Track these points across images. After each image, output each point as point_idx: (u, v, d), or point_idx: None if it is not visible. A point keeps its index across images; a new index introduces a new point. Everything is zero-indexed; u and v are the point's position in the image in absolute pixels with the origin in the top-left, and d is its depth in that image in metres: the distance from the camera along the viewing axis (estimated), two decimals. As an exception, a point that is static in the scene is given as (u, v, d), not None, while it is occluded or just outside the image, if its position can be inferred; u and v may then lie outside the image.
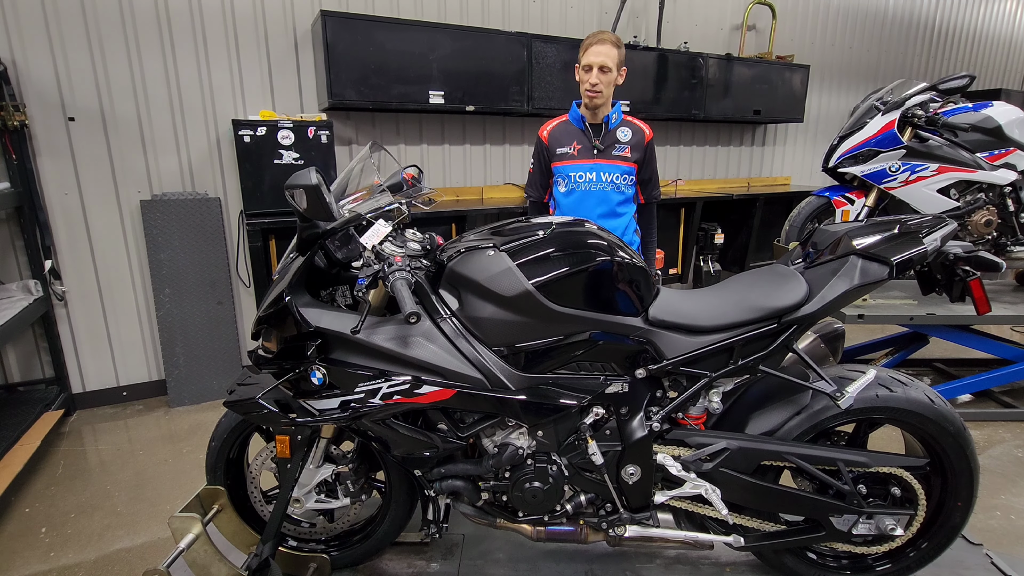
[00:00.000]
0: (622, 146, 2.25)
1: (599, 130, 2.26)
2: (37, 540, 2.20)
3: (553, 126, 2.33)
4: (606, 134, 2.25)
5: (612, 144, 2.25)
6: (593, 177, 2.25)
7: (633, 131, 2.27)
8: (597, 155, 2.25)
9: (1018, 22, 7.43)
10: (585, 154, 2.25)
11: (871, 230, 1.48)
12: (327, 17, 3.19)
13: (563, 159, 2.28)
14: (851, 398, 1.41)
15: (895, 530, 1.53)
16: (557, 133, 2.31)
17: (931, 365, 3.70)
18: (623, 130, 2.27)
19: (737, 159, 5.65)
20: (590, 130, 2.26)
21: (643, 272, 1.47)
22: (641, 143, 2.28)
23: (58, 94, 2.98)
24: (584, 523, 1.60)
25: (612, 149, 2.25)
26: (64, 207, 3.09)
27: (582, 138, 2.26)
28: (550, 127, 2.33)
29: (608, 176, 2.25)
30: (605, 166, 2.25)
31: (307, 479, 1.63)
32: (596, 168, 2.25)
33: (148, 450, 2.86)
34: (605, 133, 2.25)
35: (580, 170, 2.26)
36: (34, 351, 3.19)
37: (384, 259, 1.33)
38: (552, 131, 2.32)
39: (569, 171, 2.28)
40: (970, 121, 2.93)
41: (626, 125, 2.28)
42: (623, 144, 2.25)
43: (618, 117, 2.27)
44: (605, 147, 2.25)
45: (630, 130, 2.27)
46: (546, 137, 2.32)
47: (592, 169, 2.25)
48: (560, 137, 2.29)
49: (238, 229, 3.48)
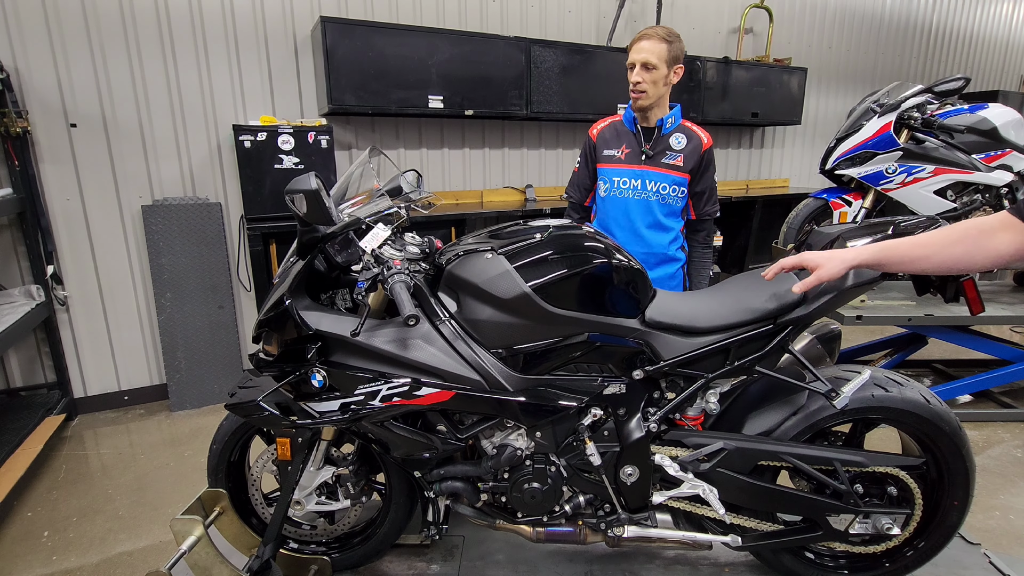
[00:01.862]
0: (674, 154, 2.06)
1: (651, 134, 2.08)
2: (39, 544, 2.21)
3: (604, 125, 2.18)
4: (658, 139, 2.07)
5: (663, 151, 2.06)
6: (638, 184, 2.08)
7: (688, 137, 2.08)
8: (645, 161, 2.07)
9: (1014, 24, 7.46)
10: (632, 159, 2.08)
11: (865, 232, 1.50)
12: (327, 23, 3.22)
13: (609, 161, 2.13)
14: (846, 398, 1.42)
15: (892, 529, 1.53)
16: (607, 134, 2.16)
17: (930, 366, 3.71)
18: (677, 136, 2.07)
19: (736, 161, 5.67)
20: (641, 133, 2.09)
21: (640, 274, 1.48)
22: (697, 151, 2.06)
23: (60, 101, 3.00)
24: (583, 524, 1.61)
25: (662, 156, 2.06)
26: (66, 212, 3.11)
27: (632, 141, 2.09)
28: (601, 126, 2.18)
29: (655, 185, 2.06)
30: (652, 174, 2.06)
31: (308, 481, 1.64)
32: (642, 175, 2.07)
33: (149, 454, 2.87)
34: (657, 138, 2.07)
35: (625, 175, 2.09)
36: (36, 356, 3.20)
37: (383, 262, 1.34)
38: (602, 131, 2.17)
39: (613, 175, 2.12)
40: (966, 123, 2.94)
41: (681, 131, 2.08)
42: (675, 152, 2.06)
43: (674, 122, 2.08)
44: (655, 153, 2.06)
45: (685, 137, 2.07)
46: (595, 136, 2.17)
47: (638, 176, 2.08)
48: (609, 138, 2.14)
49: (239, 233, 3.49)
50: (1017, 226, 1.02)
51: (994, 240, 1.05)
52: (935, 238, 1.16)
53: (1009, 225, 1.04)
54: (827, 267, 1.26)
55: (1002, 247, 1.04)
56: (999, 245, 1.05)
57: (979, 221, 1.11)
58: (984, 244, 1.07)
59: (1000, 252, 1.05)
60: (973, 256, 1.09)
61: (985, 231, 1.07)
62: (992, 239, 1.06)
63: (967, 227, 1.12)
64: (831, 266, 1.26)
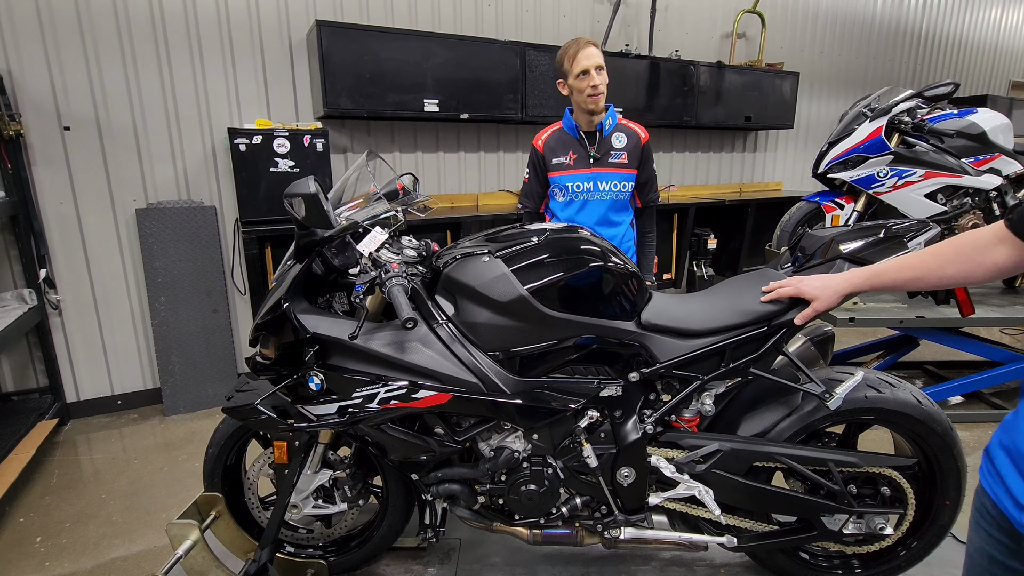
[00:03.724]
0: (618, 152, 2.20)
1: (593, 138, 2.20)
2: (32, 550, 2.19)
3: (548, 135, 2.27)
4: (601, 141, 2.19)
5: (608, 151, 2.19)
6: (591, 187, 2.20)
7: (628, 135, 2.22)
8: (594, 164, 2.19)
9: (1003, 30, 7.57)
10: (581, 163, 2.20)
11: (857, 235, 1.51)
12: (322, 27, 3.22)
13: (559, 169, 2.22)
14: (840, 399, 1.44)
15: (885, 529, 1.55)
16: (552, 143, 2.25)
17: (922, 367, 3.74)
18: (617, 135, 2.21)
19: (729, 165, 5.71)
20: (585, 138, 2.20)
21: (636, 277, 1.50)
22: (637, 147, 2.22)
23: (54, 104, 2.99)
24: (580, 526, 1.61)
25: (608, 156, 2.19)
26: (59, 216, 3.09)
27: (577, 147, 2.21)
28: (544, 136, 2.27)
29: (606, 185, 2.20)
30: (603, 175, 2.20)
31: (305, 485, 1.63)
32: (594, 177, 2.20)
33: (143, 459, 2.85)
34: (600, 140, 2.19)
35: (578, 180, 2.20)
36: (28, 360, 3.18)
37: (381, 266, 1.35)
38: (547, 140, 2.26)
39: (566, 181, 2.22)
40: (955, 127, 2.98)
41: (620, 130, 2.22)
42: (619, 151, 2.20)
43: (612, 122, 2.21)
44: (601, 155, 2.19)
45: (624, 135, 2.22)
46: (541, 147, 2.26)
47: (589, 179, 2.20)
48: (555, 146, 2.24)
49: (234, 237, 3.48)
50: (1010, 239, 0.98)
51: (991, 255, 1.01)
52: (927, 260, 1.13)
53: (1004, 238, 0.99)
54: (822, 299, 1.36)
55: (1000, 260, 1.01)
56: (996, 259, 1.01)
57: (972, 236, 1.06)
58: (980, 260, 1.03)
59: (999, 266, 1.01)
60: (971, 273, 1.06)
61: (979, 247, 1.03)
62: (988, 254, 1.02)
63: (960, 245, 1.07)
64: (826, 296, 1.36)
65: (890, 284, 1.24)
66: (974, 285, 1.20)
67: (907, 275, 1.18)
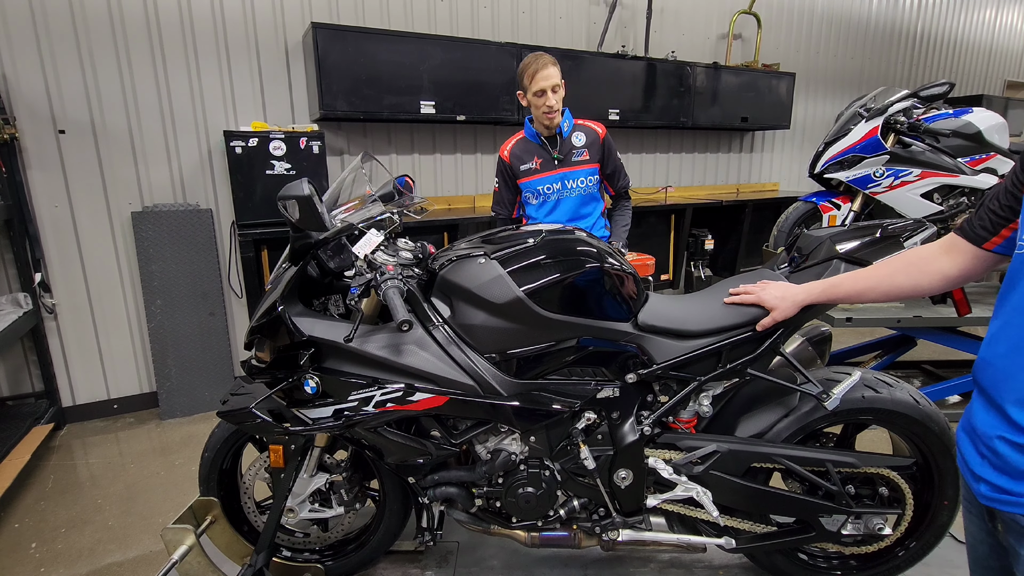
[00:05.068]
0: (579, 151, 2.34)
1: (555, 141, 2.34)
2: (27, 556, 2.17)
3: (512, 145, 2.40)
4: (562, 143, 2.34)
5: (570, 151, 2.34)
6: (560, 186, 2.35)
7: (586, 134, 2.36)
8: (559, 164, 2.34)
9: (997, 30, 7.60)
10: (547, 167, 2.34)
11: (853, 235, 1.51)
12: (318, 29, 3.22)
13: (528, 175, 2.36)
14: (837, 399, 1.44)
15: (883, 529, 1.55)
16: (517, 151, 2.38)
17: (920, 367, 3.75)
18: (577, 135, 2.35)
19: (726, 166, 5.72)
20: (547, 143, 2.34)
21: (632, 278, 1.49)
22: (596, 142, 2.36)
23: (48, 107, 2.98)
24: (577, 528, 1.61)
25: (572, 156, 2.34)
26: (54, 219, 3.08)
27: (541, 152, 2.35)
28: (509, 146, 2.40)
29: (573, 182, 2.35)
30: (569, 174, 2.34)
31: (301, 488, 1.63)
32: (561, 177, 2.35)
33: (139, 463, 2.84)
34: (561, 143, 2.33)
35: (547, 182, 2.35)
36: (23, 364, 3.16)
37: (376, 268, 1.34)
38: (512, 150, 2.39)
39: (537, 185, 2.36)
40: (951, 127, 2.99)
41: (579, 130, 2.37)
42: (580, 149, 2.34)
43: (569, 124, 2.35)
44: (564, 155, 2.34)
45: (583, 134, 2.36)
46: (507, 157, 2.39)
47: (557, 179, 2.35)
48: (521, 154, 2.37)
49: (230, 240, 3.47)
50: (960, 246, 1.02)
51: (936, 264, 1.07)
52: (880, 270, 1.23)
53: (951, 247, 1.05)
54: (780, 309, 1.40)
55: (946, 269, 1.06)
56: (943, 268, 1.06)
57: (920, 249, 1.15)
58: (927, 269, 1.09)
59: (946, 274, 1.06)
60: (918, 282, 1.12)
61: (925, 257, 1.10)
62: (933, 264, 1.08)
63: (908, 256, 1.16)
64: (784, 307, 1.40)
65: (844, 295, 1.30)
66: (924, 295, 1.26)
67: (861, 285, 1.26)
